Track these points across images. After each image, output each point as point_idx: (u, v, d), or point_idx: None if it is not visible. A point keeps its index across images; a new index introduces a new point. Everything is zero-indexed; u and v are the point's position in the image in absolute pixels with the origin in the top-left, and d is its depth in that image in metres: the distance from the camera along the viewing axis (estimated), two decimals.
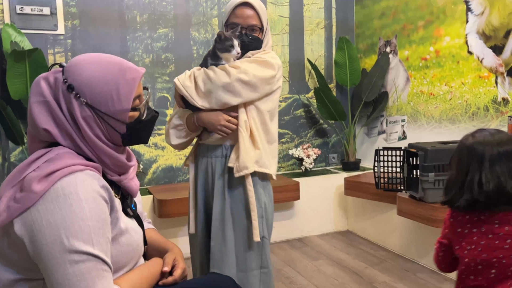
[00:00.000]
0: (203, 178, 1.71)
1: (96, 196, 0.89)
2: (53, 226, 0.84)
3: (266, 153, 1.65)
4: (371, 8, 3.67)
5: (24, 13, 2.84)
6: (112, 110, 0.96)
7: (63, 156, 0.91)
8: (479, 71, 2.71)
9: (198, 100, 1.58)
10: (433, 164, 2.36)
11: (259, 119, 1.63)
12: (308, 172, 3.55)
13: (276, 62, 1.66)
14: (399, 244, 2.99)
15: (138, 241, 1.04)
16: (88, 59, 0.98)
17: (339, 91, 3.90)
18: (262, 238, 1.64)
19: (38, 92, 0.94)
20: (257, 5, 1.65)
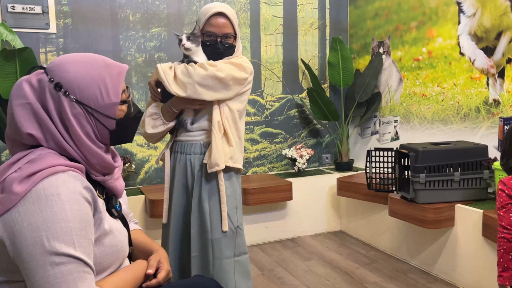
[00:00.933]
0: (181, 173, 1.82)
1: (79, 198, 0.88)
2: (34, 228, 0.83)
3: (237, 148, 1.80)
4: (365, 9, 3.68)
5: (16, 11, 2.82)
6: (102, 105, 0.96)
7: (45, 157, 0.91)
8: (471, 72, 2.72)
9: (174, 87, 1.68)
10: (424, 165, 2.37)
11: (231, 118, 1.77)
12: (301, 172, 3.55)
13: (249, 67, 1.79)
14: (391, 245, 3.00)
15: (122, 242, 1.04)
16: (72, 58, 0.98)
17: (332, 91, 3.90)
18: (237, 227, 1.79)
19: (20, 94, 0.92)
20: (230, 14, 1.76)
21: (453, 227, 2.45)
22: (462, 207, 2.38)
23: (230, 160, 1.76)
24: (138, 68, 3.20)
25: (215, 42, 1.76)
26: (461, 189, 2.41)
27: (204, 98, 1.69)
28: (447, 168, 2.40)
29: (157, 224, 3.00)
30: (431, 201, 2.41)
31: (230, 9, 1.79)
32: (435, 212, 2.37)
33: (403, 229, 2.86)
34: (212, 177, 1.76)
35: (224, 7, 1.76)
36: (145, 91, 3.23)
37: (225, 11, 1.75)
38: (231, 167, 1.78)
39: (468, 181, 2.41)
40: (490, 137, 2.60)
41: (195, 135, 1.80)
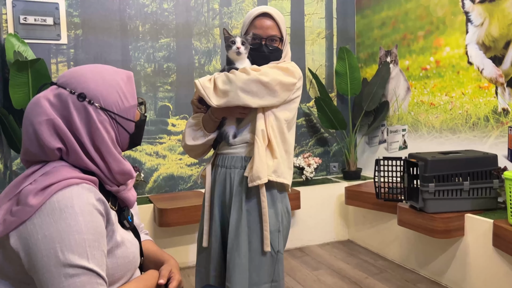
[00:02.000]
0: (221, 189, 1.67)
1: (92, 210, 0.89)
2: (49, 240, 0.84)
3: (284, 163, 1.61)
4: (371, 18, 3.69)
5: (28, 23, 2.87)
6: (123, 109, 0.99)
7: (59, 170, 0.92)
8: (479, 82, 2.72)
9: (214, 99, 1.55)
10: (433, 175, 2.36)
11: (277, 127, 1.61)
12: (309, 181, 3.55)
13: (297, 71, 1.64)
14: (400, 254, 2.98)
15: (134, 253, 1.05)
16: (84, 69, 1.00)
17: (339, 100, 3.91)
18: (277, 252, 1.61)
19: (41, 112, 0.93)
20: (276, 16, 1.64)
21: (463, 237, 2.43)
22: (472, 216, 2.37)
23: (274, 174, 1.56)
24: (147, 78, 3.24)
25: (259, 45, 1.63)
26: (471, 199, 2.40)
27: (248, 104, 1.53)
28: (456, 178, 2.39)
29: (166, 233, 3.01)
30: (441, 211, 2.40)
31: (276, 11, 1.66)
32: (444, 222, 2.36)
33: (412, 238, 2.84)
34: (253, 192, 1.59)
35: (269, 9, 1.64)
36: (154, 101, 3.26)
37: (271, 12, 1.63)
38: (273, 183, 1.59)
39: (477, 191, 2.40)
40: (500, 146, 2.59)
41: (236, 148, 1.64)
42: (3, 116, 2.53)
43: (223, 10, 3.45)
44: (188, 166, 3.36)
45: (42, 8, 2.91)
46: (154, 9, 3.23)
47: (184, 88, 3.35)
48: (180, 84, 3.32)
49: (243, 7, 3.52)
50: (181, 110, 3.34)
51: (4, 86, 2.71)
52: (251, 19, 1.64)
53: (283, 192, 1.66)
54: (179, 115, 3.33)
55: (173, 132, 3.32)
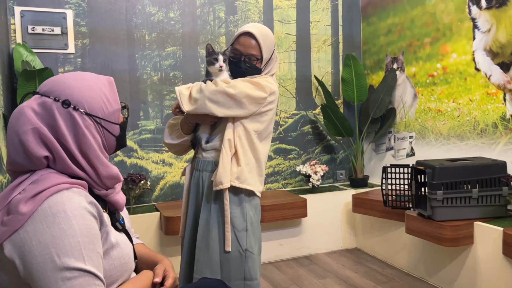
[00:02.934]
0: (194, 190, 1.83)
1: (84, 213, 0.90)
2: (43, 246, 0.84)
3: (252, 170, 1.75)
4: (377, 25, 3.69)
5: (36, 33, 2.90)
6: (107, 114, 1.01)
7: (48, 177, 0.92)
8: (487, 88, 2.70)
9: (186, 105, 1.70)
10: (441, 182, 2.34)
11: (246, 137, 1.73)
12: (316, 189, 3.53)
13: (269, 86, 1.73)
14: (408, 263, 2.95)
15: (129, 254, 1.05)
16: (65, 77, 1.00)
17: (346, 107, 3.90)
18: (245, 251, 1.72)
19: (25, 121, 0.93)
20: (259, 37, 1.74)
21: (472, 245, 2.40)
22: (481, 224, 2.34)
23: (237, 180, 1.70)
24: (153, 87, 3.25)
25: (238, 60, 1.76)
26: (480, 206, 2.38)
27: (214, 113, 1.67)
28: (465, 185, 2.37)
29: (173, 241, 3.00)
30: (449, 218, 2.37)
31: (262, 32, 1.76)
32: (453, 230, 2.33)
33: (420, 246, 2.81)
34: (219, 196, 1.74)
35: (255, 28, 1.75)
36: (160, 109, 3.27)
37: (254, 32, 1.74)
38: (239, 188, 1.72)
39: (486, 198, 2.37)
40: (508, 153, 2.56)
41: (209, 153, 1.80)
42: None
43: (229, 18, 3.47)
44: None
45: (50, 18, 2.94)
46: (160, 18, 3.26)
47: None
48: None
49: (249, 15, 3.53)
50: None
51: (13, 96, 2.74)
52: (237, 35, 1.78)
53: (251, 196, 1.78)
54: None
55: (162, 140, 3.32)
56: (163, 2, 3.26)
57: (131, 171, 3.16)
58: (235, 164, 1.72)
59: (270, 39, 1.79)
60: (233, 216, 1.72)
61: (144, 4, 3.21)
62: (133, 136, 3.19)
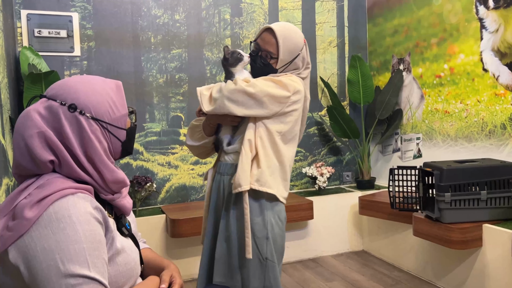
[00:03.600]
0: (215, 194, 1.76)
1: (90, 218, 0.89)
2: (48, 252, 0.83)
3: (274, 173, 1.64)
4: (383, 26, 3.67)
5: (42, 36, 2.91)
6: (114, 118, 1.00)
7: (53, 181, 0.92)
8: (495, 89, 2.67)
9: (206, 105, 1.65)
10: (449, 184, 2.31)
11: (268, 138, 1.63)
12: (322, 191, 3.52)
13: (292, 85, 1.63)
14: (415, 265, 2.92)
15: (135, 260, 1.04)
16: (73, 80, 1.00)
17: (352, 109, 3.88)
18: (266, 259, 1.62)
19: (31, 125, 0.93)
20: (279, 35, 1.66)
21: (481, 248, 2.37)
22: (490, 227, 2.31)
23: (256, 182, 1.59)
24: (159, 89, 3.25)
25: (256, 55, 1.70)
26: (489, 208, 2.35)
27: (233, 112, 1.59)
28: (473, 187, 2.34)
29: (179, 243, 3.00)
30: (457, 221, 2.34)
31: (285, 32, 1.68)
32: (461, 232, 2.31)
33: (428, 249, 2.79)
34: (239, 200, 1.64)
35: (279, 26, 1.68)
36: (166, 111, 3.27)
37: (276, 29, 1.66)
38: (261, 192, 1.61)
39: (495, 200, 2.34)
40: None
41: (229, 155, 1.72)
42: None
43: (234, 20, 3.47)
44: (200, 176, 3.36)
45: (56, 21, 2.95)
46: (166, 20, 3.26)
47: (196, 99, 3.33)
48: (192, 94, 3.33)
49: (254, 17, 3.52)
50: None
51: (19, 99, 2.75)
52: (262, 30, 1.73)
53: (274, 201, 1.66)
54: None
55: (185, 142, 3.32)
56: (168, 4, 3.26)
57: (137, 173, 3.16)
58: (256, 166, 1.61)
59: (294, 41, 1.69)
60: (253, 223, 1.62)
61: (150, 7, 3.21)
62: (139, 139, 3.19)
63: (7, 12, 2.65)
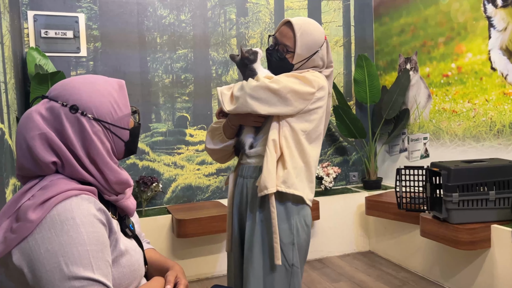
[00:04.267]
0: (238, 198, 1.69)
1: (93, 220, 0.88)
2: (52, 254, 0.83)
3: (300, 174, 1.56)
4: (390, 25, 3.65)
5: (49, 36, 2.92)
6: (116, 119, 0.99)
7: (57, 183, 0.91)
8: (503, 88, 2.64)
9: (227, 105, 1.57)
10: (457, 184, 2.29)
11: (292, 138, 1.56)
12: (328, 191, 3.50)
13: (317, 81, 1.56)
14: (422, 266, 2.90)
15: (139, 261, 1.04)
16: (74, 81, 0.99)
17: (358, 108, 3.86)
18: (292, 266, 1.56)
19: (33, 126, 0.93)
20: (297, 29, 1.59)
21: (489, 249, 2.35)
22: (499, 227, 2.29)
23: (283, 184, 1.51)
24: (165, 89, 3.25)
25: (273, 49, 1.64)
26: (497, 209, 2.32)
27: (257, 111, 1.51)
28: (481, 187, 2.32)
29: (184, 244, 3.00)
30: (465, 221, 2.32)
31: (304, 26, 1.60)
32: (469, 233, 2.28)
33: (435, 250, 2.76)
34: (264, 203, 1.57)
35: (298, 19, 1.62)
36: (171, 111, 3.28)
37: (294, 23, 1.60)
38: (287, 194, 1.54)
39: (504, 200, 2.31)
40: None
41: (252, 158, 1.65)
42: None
43: (240, 20, 3.46)
44: (206, 177, 3.36)
45: (63, 22, 2.96)
46: (171, 20, 3.26)
47: (201, 99, 3.35)
48: (198, 94, 3.33)
49: (260, 17, 3.52)
50: (199, 121, 3.34)
51: (26, 99, 2.76)
52: (281, 24, 1.65)
53: (300, 204, 1.58)
54: (196, 125, 3.34)
55: (191, 142, 3.32)
56: (174, 4, 3.26)
57: (143, 173, 3.16)
58: (281, 167, 1.53)
59: (312, 37, 1.61)
60: (279, 228, 1.54)
61: (156, 7, 3.21)
62: (145, 139, 3.19)
63: (14, 13, 2.66)
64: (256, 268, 1.56)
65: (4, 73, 2.24)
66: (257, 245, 1.56)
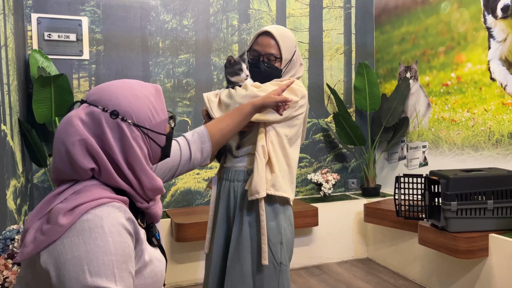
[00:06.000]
0: (225, 201, 1.73)
1: (121, 230, 0.89)
2: (77, 261, 0.84)
3: (284, 177, 1.67)
4: (391, 34, 3.68)
5: (52, 39, 2.94)
6: (154, 124, 0.99)
7: (90, 189, 0.92)
8: (502, 98, 2.66)
9: (216, 112, 1.66)
10: (455, 193, 2.31)
11: (278, 143, 1.65)
12: (327, 198, 3.51)
13: (300, 90, 1.68)
14: (421, 274, 2.90)
15: (162, 272, 1.03)
16: (113, 86, 0.99)
17: (358, 116, 3.88)
18: (280, 264, 1.64)
19: (73, 132, 0.93)
20: (278, 36, 1.68)
21: (487, 258, 2.36)
22: (497, 237, 2.30)
23: (272, 187, 1.61)
24: (166, 93, 3.27)
25: (257, 60, 1.71)
26: (495, 218, 2.33)
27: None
28: (480, 196, 2.33)
29: (183, 248, 3.00)
30: (463, 230, 2.33)
31: (280, 32, 1.71)
32: (467, 242, 2.30)
33: (434, 258, 2.77)
34: (254, 206, 1.65)
35: (274, 28, 1.71)
36: None
37: (273, 32, 1.69)
38: (274, 196, 1.64)
39: (502, 210, 2.33)
40: None
41: (240, 161, 1.71)
42: (26, 130, 2.58)
43: (242, 26, 3.48)
44: (205, 181, 3.36)
45: (66, 24, 2.98)
46: (174, 25, 3.28)
47: (202, 104, 3.35)
48: (199, 99, 3.35)
49: (262, 23, 3.54)
50: (200, 125, 3.34)
51: (28, 101, 2.77)
52: (255, 36, 1.74)
53: (285, 205, 1.69)
54: None
55: None
56: (177, 9, 3.29)
57: None
58: (269, 171, 1.63)
59: (290, 39, 1.73)
60: (268, 228, 1.63)
61: (159, 12, 3.24)
62: None
63: (18, 16, 2.68)
64: (244, 267, 1.63)
65: (7, 75, 2.25)
66: (246, 245, 1.64)
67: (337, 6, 3.80)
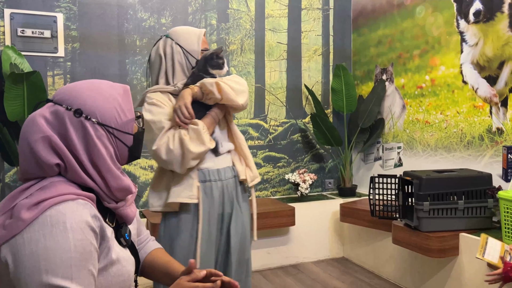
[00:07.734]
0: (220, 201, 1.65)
1: (84, 227, 0.88)
2: (35, 257, 0.83)
3: None
4: (368, 36, 3.73)
5: (25, 35, 2.88)
6: (120, 124, 0.99)
7: (56, 185, 0.91)
8: (473, 101, 2.73)
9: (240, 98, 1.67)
10: (428, 193, 2.36)
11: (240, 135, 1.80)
12: (304, 198, 3.54)
13: None
14: (394, 273, 2.96)
15: (129, 272, 1.03)
16: (80, 85, 0.99)
17: (335, 117, 3.93)
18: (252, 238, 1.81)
19: (37, 130, 0.93)
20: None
21: (458, 256, 2.42)
22: (467, 236, 2.36)
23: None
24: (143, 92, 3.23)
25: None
26: (466, 218, 2.40)
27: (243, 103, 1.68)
28: (451, 196, 2.39)
29: None
30: (435, 229, 2.39)
31: None
32: (439, 241, 2.35)
33: (407, 257, 2.83)
34: (244, 194, 1.77)
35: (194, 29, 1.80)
36: None
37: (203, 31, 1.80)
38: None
39: (472, 210, 2.39)
40: (494, 165, 2.60)
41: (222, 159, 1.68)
42: None
43: (221, 26, 3.48)
44: None
45: (40, 21, 2.92)
46: (152, 24, 3.26)
47: None
48: None
49: (241, 23, 3.55)
50: None
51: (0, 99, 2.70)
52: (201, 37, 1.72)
53: None
54: None
55: None
56: (155, 8, 3.26)
57: None
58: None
59: None
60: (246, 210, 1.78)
61: (136, 10, 3.21)
62: None
63: None
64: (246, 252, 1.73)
65: None
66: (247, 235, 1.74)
67: (315, 7, 3.84)
